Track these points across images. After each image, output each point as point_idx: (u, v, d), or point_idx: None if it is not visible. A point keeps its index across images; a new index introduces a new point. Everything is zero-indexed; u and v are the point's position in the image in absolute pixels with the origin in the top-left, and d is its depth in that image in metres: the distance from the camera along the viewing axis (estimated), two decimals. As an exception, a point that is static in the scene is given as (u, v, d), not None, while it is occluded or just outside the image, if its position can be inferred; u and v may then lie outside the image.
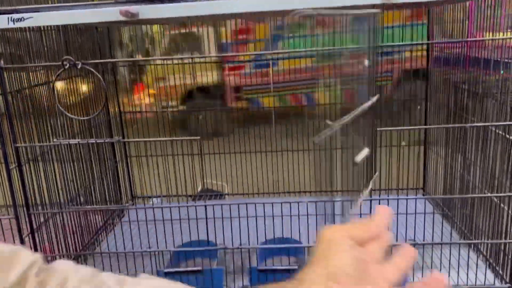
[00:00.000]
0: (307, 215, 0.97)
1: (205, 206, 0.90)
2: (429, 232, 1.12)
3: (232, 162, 1.38)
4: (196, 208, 0.96)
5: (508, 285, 0.87)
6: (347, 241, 0.43)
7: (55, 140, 0.82)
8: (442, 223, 1.07)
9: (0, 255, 0.41)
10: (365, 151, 0.46)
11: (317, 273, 0.41)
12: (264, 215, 0.94)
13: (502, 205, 0.87)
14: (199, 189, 1.52)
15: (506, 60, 0.85)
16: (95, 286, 0.42)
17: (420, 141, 1.37)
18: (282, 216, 1.08)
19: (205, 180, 1.37)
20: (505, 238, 0.86)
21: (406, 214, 1.09)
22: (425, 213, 1.06)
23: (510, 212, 0.85)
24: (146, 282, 0.44)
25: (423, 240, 1.04)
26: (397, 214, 0.95)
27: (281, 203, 0.96)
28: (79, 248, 1.06)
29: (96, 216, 1.19)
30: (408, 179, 1.37)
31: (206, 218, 0.92)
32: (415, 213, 0.96)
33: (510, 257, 0.86)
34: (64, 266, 0.45)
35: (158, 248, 0.94)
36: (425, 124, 1.31)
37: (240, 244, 0.92)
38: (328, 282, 0.40)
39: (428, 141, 1.31)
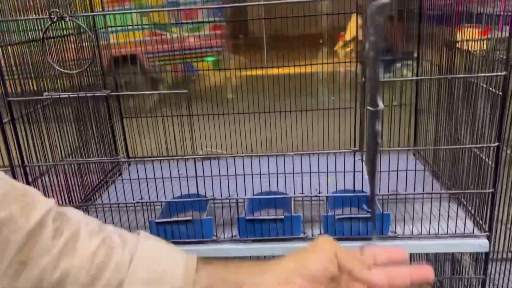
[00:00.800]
0: (293, 172, 1.00)
1: (195, 162, 0.93)
2: (419, 188, 1.15)
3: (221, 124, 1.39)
4: (186, 166, 0.99)
5: (486, 233, 0.90)
6: (331, 254, 0.47)
7: (46, 93, 0.84)
8: (432, 181, 1.11)
9: (15, 192, 0.42)
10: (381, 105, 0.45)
11: (287, 263, 0.47)
12: (252, 172, 0.96)
13: (483, 156, 0.89)
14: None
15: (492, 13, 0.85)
16: (103, 239, 0.45)
17: (411, 103, 1.39)
18: (269, 173, 1.11)
19: (196, 146, 1.40)
20: (485, 189, 0.89)
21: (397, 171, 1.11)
22: (415, 170, 1.09)
23: (490, 163, 0.87)
24: (144, 244, 0.47)
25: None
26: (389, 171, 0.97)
27: (269, 156, 0.99)
28: (76, 202, 1.10)
29: (92, 175, 1.22)
30: (400, 138, 1.39)
31: (196, 176, 0.95)
32: (406, 170, 0.98)
33: (489, 207, 0.89)
34: (75, 215, 0.47)
35: (150, 199, 0.97)
36: (416, 84, 1.32)
37: (229, 195, 0.95)
38: (291, 274, 0.46)
39: (420, 98, 1.32)
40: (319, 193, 0.94)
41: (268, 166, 1.10)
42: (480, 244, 0.90)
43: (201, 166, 1.00)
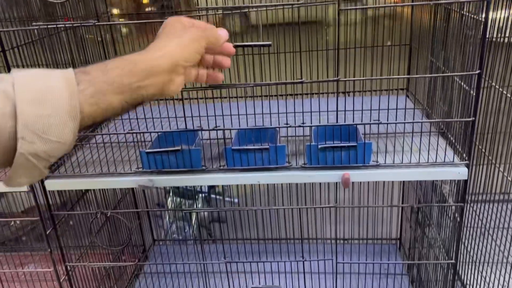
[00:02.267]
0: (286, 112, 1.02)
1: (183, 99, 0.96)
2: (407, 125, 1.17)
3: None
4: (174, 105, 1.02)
5: (466, 162, 0.92)
6: (201, 40, 0.59)
7: (34, 24, 0.86)
8: (422, 118, 1.12)
9: None
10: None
11: (173, 49, 0.54)
12: (246, 112, 0.99)
13: (465, 86, 0.91)
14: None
15: None
16: None
17: (405, 42, 1.38)
18: (262, 114, 1.14)
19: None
20: (467, 117, 0.90)
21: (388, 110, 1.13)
22: (405, 109, 1.11)
23: (472, 92, 0.88)
24: (19, 73, 0.44)
25: (395, 129, 1.09)
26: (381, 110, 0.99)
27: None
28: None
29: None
30: (393, 80, 1.39)
31: (184, 115, 0.99)
32: (396, 109, 1.00)
33: (468, 135, 0.91)
34: None
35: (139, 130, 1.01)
36: (411, 23, 1.31)
37: (216, 126, 0.98)
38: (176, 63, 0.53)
39: (413, 37, 1.31)
40: (303, 123, 0.97)
41: (262, 108, 1.13)
42: (460, 172, 0.92)
43: (189, 107, 1.03)
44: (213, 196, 2.46)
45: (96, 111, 0.46)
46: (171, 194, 2.42)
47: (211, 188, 2.47)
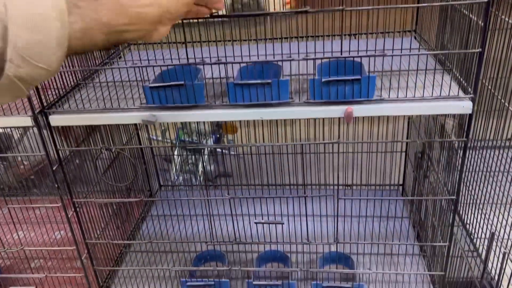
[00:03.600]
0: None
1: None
2: (412, 64, 1.15)
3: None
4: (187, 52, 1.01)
5: (471, 95, 0.91)
6: None
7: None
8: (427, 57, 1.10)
9: None
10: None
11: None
12: (242, 54, 0.97)
13: (473, 17, 0.88)
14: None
15: None
16: None
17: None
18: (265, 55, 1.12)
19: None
20: (472, 49, 0.88)
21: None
22: (410, 48, 1.09)
23: (480, 22, 0.86)
24: None
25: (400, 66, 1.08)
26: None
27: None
28: (78, 80, 1.15)
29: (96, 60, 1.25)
30: (401, 22, 1.36)
31: (187, 55, 0.97)
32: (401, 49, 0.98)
33: (475, 68, 0.89)
34: None
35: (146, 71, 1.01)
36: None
37: (218, 59, 0.97)
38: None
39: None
40: (306, 55, 0.95)
41: (265, 50, 1.11)
42: (464, 105, 0.91)
43: (192, 50, 1.02)
44: (219, 150, 2.48)
45: (78, 45, 0.47)
46: (177, 148, 2.45)
47: (217, 142, 2.49)
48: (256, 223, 1.16)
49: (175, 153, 2.35)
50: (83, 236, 1.22)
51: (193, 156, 2.41)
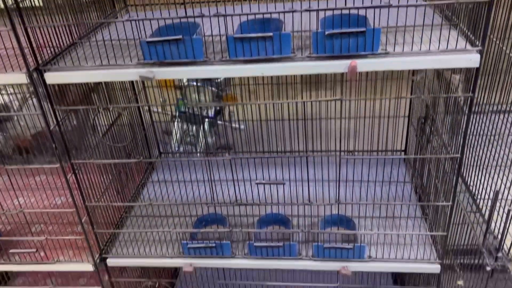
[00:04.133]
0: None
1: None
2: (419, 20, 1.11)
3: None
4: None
5: (479, 47, 0.88)
6: None
7: None
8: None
9: None
10: None
11: None
12: (242, 11, 0.94)
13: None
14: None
15: None
16: None
17: None
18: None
19: None
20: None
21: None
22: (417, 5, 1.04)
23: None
24: None
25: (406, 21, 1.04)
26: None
27: None
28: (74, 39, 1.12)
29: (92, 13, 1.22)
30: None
31: (186, 13, 0.94)
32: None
33: (483, 21, 0.86)
34: None
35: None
36: None
37: (217, 12, 0.94)
38: None
39: None
40: (309, 6, 0.92)
41: (267, 8, 1.07)
42: (471, 58, 0.89)
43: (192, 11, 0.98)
44: (219, 122, 2.46)
45: None
46: (177, 119, 2.42)
47: (217, 114, 2.46)
48: (257, 183, 1.15)
49: (175, 124, 2.33)
50: (83, 199, 1.21)
51: (193, 128, 2.39)
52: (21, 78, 0.98)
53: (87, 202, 1.21)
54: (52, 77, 1.00)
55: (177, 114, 2.36)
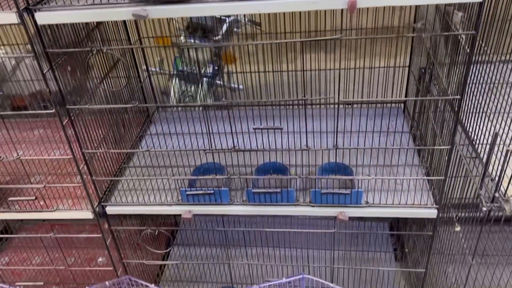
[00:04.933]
0: None
1: None
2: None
3: None
4: None
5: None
6: None
7: None
8: None
9: None
10: None
11: None
12: None
13: None
14: None
15: None
16: None
17: None
18: None
19: None
20: None
21: None
22: None
23: None
24: None
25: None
26: None
27: None
28: None
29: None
30: None
31: None
32: None
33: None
34: None
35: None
36: None
37: None
38: None
39: None
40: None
41: None
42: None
43: None
44: (218, 82, 2.43)
45: None
46: (174, 79, 2.39)
47: (216, 75, 2.42)
48: (254, 128, 1.14)
49: (173, 82, 2.30)
50: (80, 147, 1.21)
51: (192, 88, 2.37)
52: (11, 17, 0.96)
53: (84, 149, 1.21)
54: (43, 17, 0.98)
55: (174, 73, 2.33)
